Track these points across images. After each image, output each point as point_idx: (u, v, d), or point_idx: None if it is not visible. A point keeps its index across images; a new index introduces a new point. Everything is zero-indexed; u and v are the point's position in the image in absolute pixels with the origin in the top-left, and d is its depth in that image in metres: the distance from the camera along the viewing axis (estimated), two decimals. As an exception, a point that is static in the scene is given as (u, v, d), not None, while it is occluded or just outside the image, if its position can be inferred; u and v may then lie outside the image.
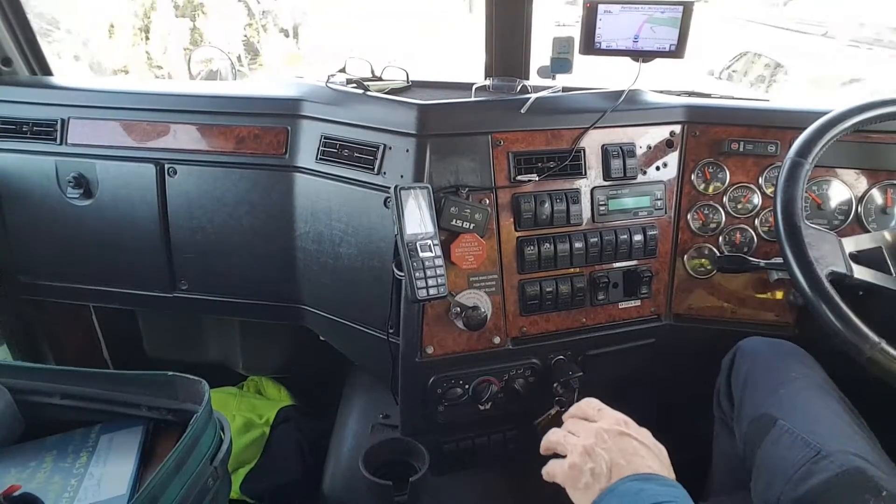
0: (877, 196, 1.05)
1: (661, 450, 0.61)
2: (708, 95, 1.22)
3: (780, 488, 0.74)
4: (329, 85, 1.08)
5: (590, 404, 0.65)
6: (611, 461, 0.57)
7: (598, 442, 0.58)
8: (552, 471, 0.61)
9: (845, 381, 0.87)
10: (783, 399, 0.83)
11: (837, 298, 0.78)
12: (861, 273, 0.85)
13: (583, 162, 1.00)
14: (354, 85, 1.09)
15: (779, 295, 1.07)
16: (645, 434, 0.61)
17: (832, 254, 0.84)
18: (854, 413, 0.83)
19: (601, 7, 0.99)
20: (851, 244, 0.88)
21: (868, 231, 1.05)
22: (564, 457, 0.61)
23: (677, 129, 1.07)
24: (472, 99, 1.07)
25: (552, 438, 0.63)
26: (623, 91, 1.04)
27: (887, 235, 0.91)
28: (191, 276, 1.19)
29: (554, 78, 1.11)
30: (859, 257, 0.88)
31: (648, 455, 0.58)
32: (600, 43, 1.02)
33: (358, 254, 1.01)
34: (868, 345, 0.75)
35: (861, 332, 0.76)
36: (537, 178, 0.97)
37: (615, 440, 0.58)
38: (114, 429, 0.75)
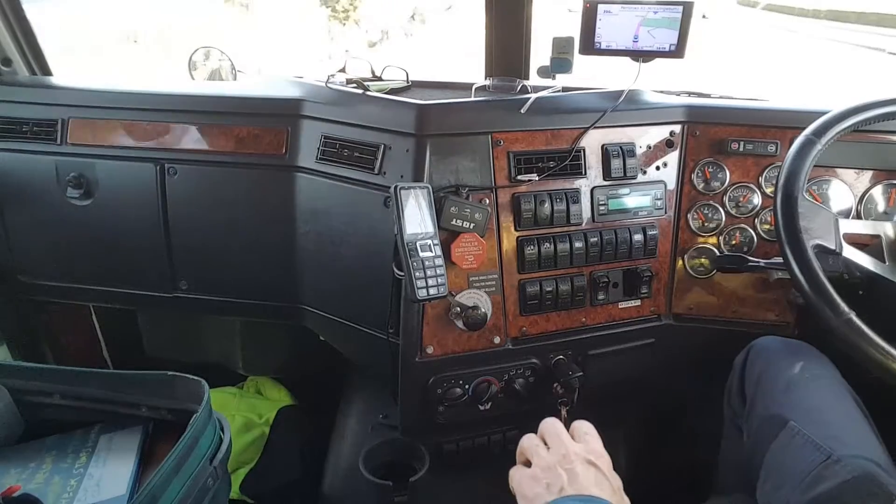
0: (877, 196, 1.05)
1: (625, 501, 0.58)
2: (708, 95, 1.22)
3: (788, 492, 0.72)
4: (329, 85, 1.08)
5: (581, 426, 0.63)
6: (567, 482, 0.55)
7: (564, 462, 0.57)
8: (512, 475, 0.60)
9: (857, 383, 0.85)
10: (795, 400, 0.81)
11: (817, 267, 0.77)
12: (851, 253, 0.84)
13: (583, 162, 1.00)
14: (354, 85, 1.09)
15: (779, 295, 1.07)
16: (614, 477, 0.58)
17: (823, 228, 0.83)
18: (868, 416, 0.81)
19: (601, 7, 0.99)
20: (852, 226, 0.88)
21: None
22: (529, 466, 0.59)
23: (677, 128, 1.07)
24: (472, 99, 1.07)
25: (524, 444, 0.61)
26: (623, 91, 1.04)
27: (889, 228, 0.90)
28: (191, 276, 1.19)
29: (554, 78, 1.11)
30: (857, 243, 0.87)
31: (607, 493, 0.55)
32: (600, 43, 1.02)
33: (358, 254, 1.01)
34: (836, 314, 0.75)
35: (832, 302, 0.76)
36: (537, 178, 0.97)
37: (581, 465, 0.57)
38: (113, 429, 0.75)
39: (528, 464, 0.60)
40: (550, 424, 0.62)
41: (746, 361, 0.93)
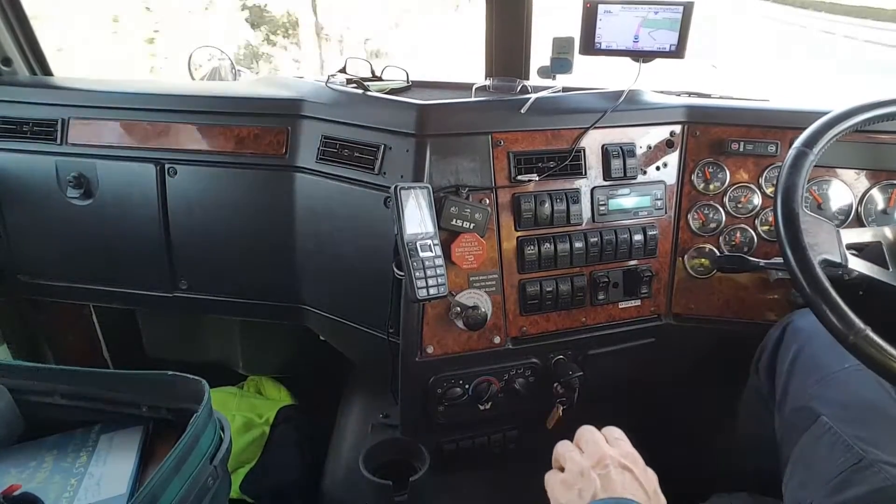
0: (877, 196, 1.05)
1: (661, 501, 0.57)
2: (708, 96, 1.22)
3: (813, 492, 0.70)
4: (329, 85, 1.08)
5: (612, 431, 0.63)
6: (600, 487, 0.54)
7: (598, 467, 0.56)
8: (546, 480, 0.60)
9: None
10: (829, 392, 0.78)
11: (827, 284, 0.76)
12: (856, 264, 0.84)
13: (583, 162, 1.00)
14: (354, 85, 1.09)
15: (779, 295, 1.07)
16: (649, 479, 0.58)
17: (828, 242, 0.83)
18: None
19: (601, 7, 0.99)
20: (850, 236, 0.87)
21: (868, 231, 1.05)
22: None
23: (677, 129, 1.07)
24: (472, 99, 1.07)
25: (559, 450, 0.61)
26: (623, 91, 1.04)
27: (888, 232, 0.90)
28: (191, 276, 1.19)
29: (554, 78, 1.11)
30: (858, 251, 0.88)
31: (641, 497, 0.55)
32: (600, 43, 1.02)
33: (358, 254, 1.01)
34: (853, 331, 0.74)
35: (847, 319, 0.74)
36: (537, 178, 0.97)
37: (615, 470, 0.56)
38: (114, 428, 0.75)
39: (563, 469, 0.59)
40: (588, 431, 0.62)
41: (782, 339, 0.90)
